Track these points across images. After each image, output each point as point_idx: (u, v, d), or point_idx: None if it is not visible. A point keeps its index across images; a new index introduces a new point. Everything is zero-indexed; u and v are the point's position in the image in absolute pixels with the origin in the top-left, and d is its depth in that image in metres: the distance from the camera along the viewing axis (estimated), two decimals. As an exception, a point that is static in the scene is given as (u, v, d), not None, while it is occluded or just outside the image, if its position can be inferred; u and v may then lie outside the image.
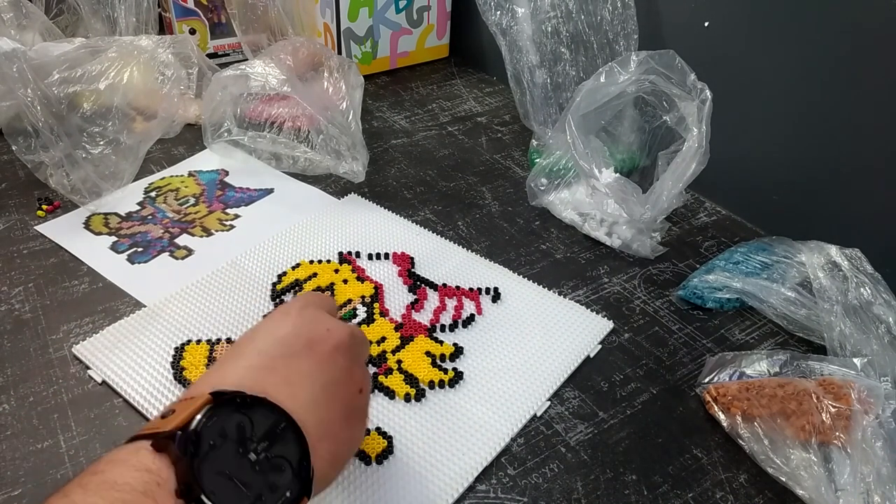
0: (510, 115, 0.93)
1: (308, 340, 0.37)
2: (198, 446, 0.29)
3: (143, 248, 0.66)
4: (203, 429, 0.30)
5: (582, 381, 0.54)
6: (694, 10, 0.72)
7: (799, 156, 0.67)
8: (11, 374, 0.53)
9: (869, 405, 0.47)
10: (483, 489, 0.46)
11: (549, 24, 0.77)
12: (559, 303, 0.61)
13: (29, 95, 0.66)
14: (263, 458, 0.31)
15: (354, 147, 0.74)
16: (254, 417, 0.31)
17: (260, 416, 0.32)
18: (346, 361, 0.38)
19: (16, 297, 0.60)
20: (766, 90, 0.68)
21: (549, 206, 0.73)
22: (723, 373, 0.53)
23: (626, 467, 0.48)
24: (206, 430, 0.30)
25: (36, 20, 0.85)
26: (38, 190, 0.73)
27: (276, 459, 0.31)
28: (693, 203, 0.76)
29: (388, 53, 1.02)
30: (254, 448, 0.31)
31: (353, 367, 0.38)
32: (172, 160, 0.80)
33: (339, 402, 0.36)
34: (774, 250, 0.62)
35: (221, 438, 0.30)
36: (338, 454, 0.36)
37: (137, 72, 0.74)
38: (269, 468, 0.31)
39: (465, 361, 0.55)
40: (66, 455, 0.47)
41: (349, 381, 0.38)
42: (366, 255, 0.66)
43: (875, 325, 0.54)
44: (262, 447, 0.31)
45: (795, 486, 0.46)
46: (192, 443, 0.29)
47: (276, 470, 0.31)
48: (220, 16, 1.01)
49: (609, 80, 0.64)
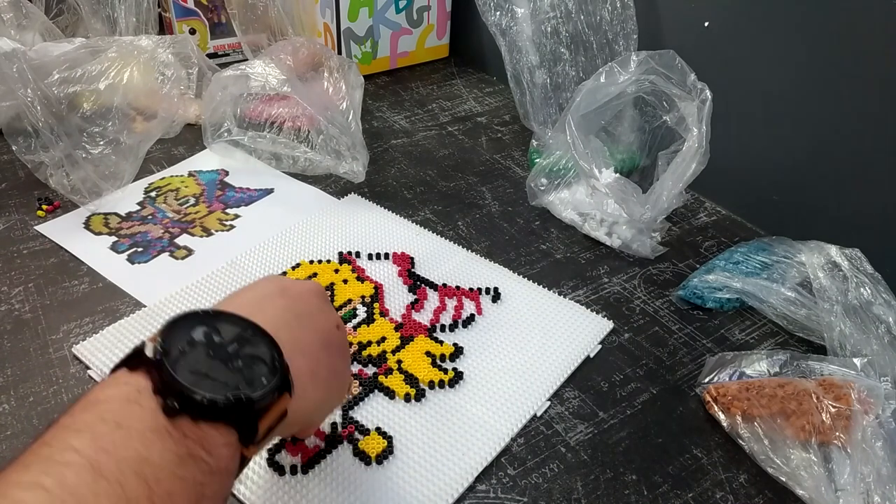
0: (510, 115, 0.93)
1: (281, 288, 0.39)
2: (168, 355, 0.30)
3: (143, 248, 0.66)
4: (168, 339, 0.31)
5: (582, 381, 0.54)
6: (694, 10, 0.72)
7: (799, 156, 0.67)
8: (11, 374, 0.53)
9: (869, 405, 0.47)
10: (483, 489, 0.46)
11: (549, 25, 0.77)
12: (559, 303, 0.61)
13: (29, 95, 0.66)
14: (235, 355, 0.31)
15: (354, 147, 0.74)
16: (221, 328, 0.32)
17: (225, 326, 0.33)
18: (320, 303, 0.40)
19: (16, 297, 0.60)
20: (767, 90, 0.68)
21: (549, 206, 0.73)
22: (723, 373, 0.53)
23: (626, 467, 0.48)
24: (172, 339, 0.31)
25: (36, 20, 0.85)
26: (38, 190, 0.73)
27: (249, 358, 0.32)
28: (693, 203, 0.76)
29: (388, 53, 1.02)
30: (224, 350, 0.31)
31: (326, 307, 0.41)
32: (172, 160, 0.80)
33: (315, 329, 0.38)
34: (774, 250, 0.62)
35: (190, 345, 0.31)
36: (317, 373, 0.37)
37: (137, 72, 0.74)
38: (242, 367, 0.31)
39: (465, 361, 0.55)
40: (66, 455, 0.47)
41: (323, 315, 0.40)
42: (366, 255, 0.66)
43: (875, 325, 0.54)
44: (233, 348, 0.32)
45: (795, 486, 0.46)
46: (161, 351, 0.30)
47: (250, 367, 0.32)
48: (220, 16, 1.01)
49: (609, 80, 0.64)
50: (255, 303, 0.37)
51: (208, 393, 0.29)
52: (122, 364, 0.31)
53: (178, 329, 0.31)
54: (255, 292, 0.39)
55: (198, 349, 0.31)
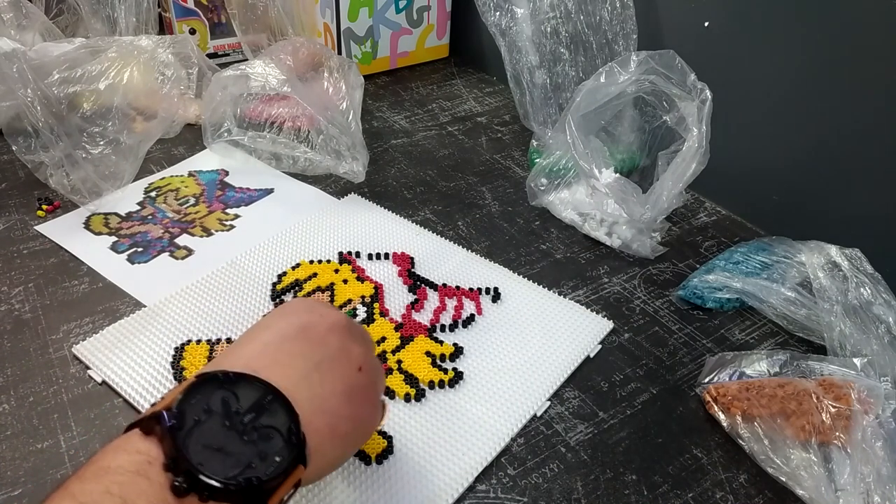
0: (510, 115, 0.93)
1: (301, 326, 0.37)
2: (182, 422, 0.29)
3: (143, 248, 0.66)
4: (185, 405, 0.30)
5: (582, 381, 0.54)
6: (694, 10, 0.72)
7: (799, 156, 0.67)
8: (11, 374, 0.53)
9: (869, 405, 0.47)
10: (483, 489, 0.46)
11: (549, 25, 0.77)
12: (559, 303, 0.61)
13: (29, 95, 0.66)
14: (251, 428, 0.31)
15: (354, 147, 0.74)
16: (238, 392, 0.32)
17: (245, 391, 0.32)
18: (342, 341, 0.38)
19: (16, 297, 0.60)
20: (767, 90, 0.68)
21: (549, 206, 0.73)
22: (723, 373, 0.53)
23: (626, 467, 0.48)
24: (188, 406, 0.30)
25: (36, 20, 0.85)
26: (38, 190, 0.73)
27: (265, 430, 0.31)
28: (693, 203, 0.76)
29: (388, 53, 1.02)
30: (240, 420, 0.31)
31: (351, 345, 0.38)
32: (172, 160, 0.80)
33: (336, 378, 0.36)
34: (774, 250, 0.62)
35: (206, 414, 0.30)
36: (337, 430, 0.35)
37: (137, 72, 0.74)
38: (257, 439, 0.31)
39: (465, 361, 0.55)
40: (66, 455, 0.47)
41: (345, 359, 0.37)
42: (366, 255, 0.66)
43: (875, 325, 0.54)
44: (249, 418, 0.31)
45: (795, 486, 0.46)
46: (175, 419, 0.29)
47: (265, 440, 0.31)
48: (220, 16, 1.01)
49: (609, 80, 0.64)
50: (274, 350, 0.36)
51: (219, 475, 0.29)
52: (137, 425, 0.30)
53: (197, 394, 0.31)
54: (274, 333, 0.37)
55: (213, 419, 0.30)
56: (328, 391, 0.35)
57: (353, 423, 0.37)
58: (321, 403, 0.35)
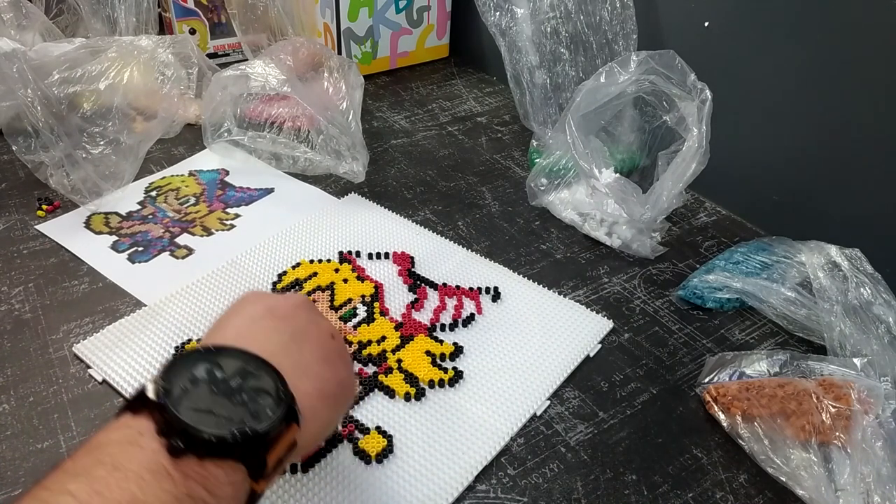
0: (510, 115, 0.93)
1: (268, 307, 0.39)
2: (169, 393, 0.30)
3: (143, 247, 0.66)
4: (170, 378, 0.30)
5: (582, 381, 0.54)
6: (694, 10, 0.72)
7: (799, 156, 0.67)
8: (11, 374, 0.53)
9: (869, 405, 0.47)
10: (483, 489, 0.46)
11: (549, 25, 0.77)
12: (559, 302, 0.61)
13: (29, 95, 0.66)
14: (239, 391, 0.31)
15: (354, 147, 0.74)
16: (221, 362, 0.32)
17: (227, 360, 0.32)
18: (308, 315, 0.40)
19: (16, 297, 0.60)
20: (767, 90, 0.68)
21: (549, 206, 0.73)
22: (723, 373, 0.53)
23: (626, 467, 0.48)
24: (174, 378, 0.30)
25: (36, 20, 0.85)
26: (38, 190, 0.73)
27: (253, 392, 0.31)
28: (693, 203, 0.76)
29: (388, 53, 1.02)
30: (227, 385, 0.31)
31: (317, 317, 0.40)
32: (172, 160, 0.80)
33: (312, 345, 0.38)
34: (774, 250, 0.62)
35: (192, 383, 0.30)
36: (325, 390, 0.37)
37: (137, 72, 0.74)
38: (247, 400, 0.31)
39: (464, 361, 0.55)
40: (66, 455, 0.47)
41: (315, 329, 0.39)
42: (366, 254, 0.66)
43: (875, 325, 0.54)
44: (236, 383, 0.31)
45: (795, 486, 0.46)
46: (163, 391, 0.30)
47: (255, 401, 0.31)
48: (220, 16, 1.01)
49: (609, 80, 0.64)
50: (247, 330, 0.37)
51: (213, 429, 0.29)
52: (126, 408, 0.30)
53: (179, 368, 0.31)
54: (242, 317, 0.39)
55: (200, 386, 0.30)
56: (308, 358, 0.37)
57: (337, 384, 0.38)
58: (304, 369, 0.36)
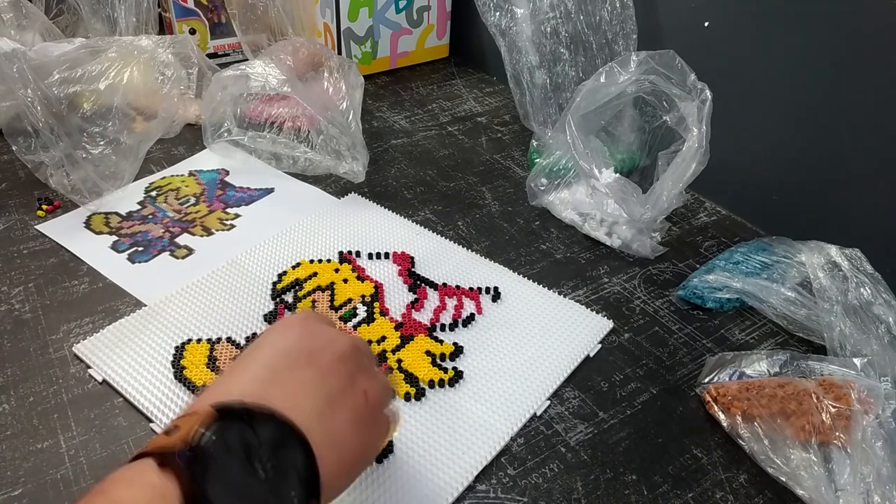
0: (510, 115, 0.93)
1: (310, 352, 0.37)
2: (202, 461, 0.29)
3: (143, 247, 0.66)
4: (207, 443, 0.30)
5: (582, 381, 0.54)
6: (694, 10, 0.72)
7: (799, 156, 0.67)
8: (11, 374, 0.53)
9: (869, 405, 0.47)
10: (483, 489, 0.46)
11: (549, 25, 0.77)
12: (559, 302, 0.61)
13: (29, 95, 0.66)
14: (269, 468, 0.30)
15: (354, 147, 0.74)
16: (258, 429, 0.31)
17: (264, 428, 0.31)
18: (349, 370, 0.38)
19: (16, 297, 0.60)
20: (767, 90, 0.68)
21: (549, 206, 0.73)
22: (723, 373, 0.53)
23: (626, 467, 0.48)
24: (210, 444, 0.30)
25: (36, 20, 0.85)
26: (38, 190, 0.73)
27: (282, 468, 0.31)
28: (693, 203, 0.76)
29: (388, 53, 1.02)
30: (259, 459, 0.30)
31: (357, 374, 0.38)
32: (172, 160, 0.80)
33: (345, 410, 0.36)
34: (774, 250, 0.62)
35: (226, 452, 0.30)
36: (346, 461, 0.36)
37: (137, 72, 0.74)
38: (274, 477, 0.30)
39: (464, 361, 0.55)
40: (66, 455, 0.47)
41: (353, 389, 0.38)
42: (366, 254, 0.66)
43: (875, 325, 0.54)
44: (267, 458, 0.31)
45: (795, 486, 0.46)
46: (196, 458, 0.29)
47: (282, 478, 0.31)
48: (220, 16, 1.01)
49: (609, 80, 0.64)
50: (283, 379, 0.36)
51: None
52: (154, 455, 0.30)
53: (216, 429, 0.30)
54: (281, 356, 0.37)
55: (233, 458, 0.30)
56: (338, 424, 0.36)
57: (360, 452, 0.38)
58: (332, 437, 0.35)
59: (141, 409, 0.50)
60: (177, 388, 0.51)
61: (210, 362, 0.54)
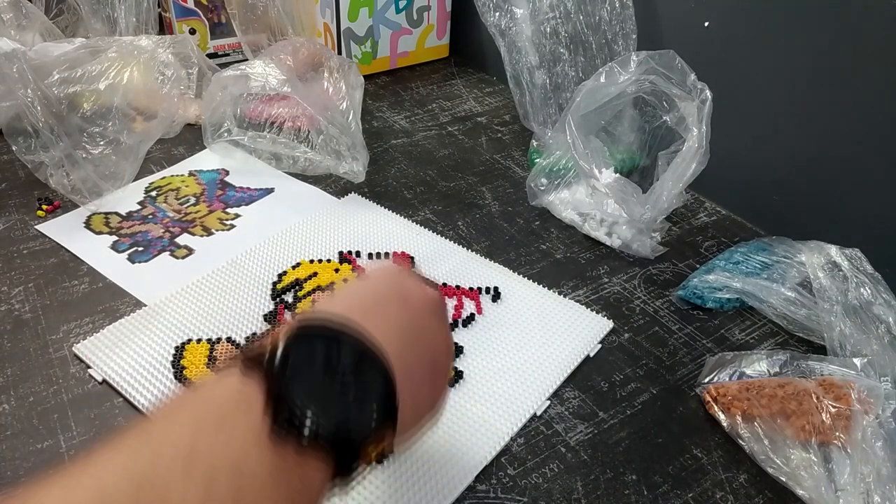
0: (510, 115, 0.93)
1: (403, 296, 0.38)
2: (285, 367, 0.29)
3: (143, 247, 0.66)
4: (290, 351, 0.30)
5: (582, 381, 0.54)
6: (694, 10, 0.72)
7: (799, 156, 0.67)
8: (11, 374, 0.53)
9: (869, 405, 0.47)
10: (483, 489, 0.46)
11: (548, 25, 0.77)
12: (559, 302, 0.61)
13: (29, 95, 0.66)
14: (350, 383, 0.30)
15: (354, 147, 0.74)
16: (341, 347, 0.31)
17: (347, 347, 0.31)
18: (437, 322, 0.39)
19: (16, 297, 0.60)
20: (767, 90, 0.68)
21: (549, 206, 0.73)
22: (723, 373, 0.53)
23: (626, 467, 0.48)
24: (293, 352, 0.30)
25: (36, 20, 0.85)
26: (38, 190, 0.73)
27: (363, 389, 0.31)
28: (693, 203, 0.76)
29: (388, 53, 1.02)
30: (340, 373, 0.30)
31: (443, 327, 0.39)
32: (172, 160, 0.80)
33: (426, 356, 0.37)
34: (774, 250, 0.62)
35: (308, 363, 0.30)
36: (419, 406, 0.36)
37: (137, 72, 0.74)
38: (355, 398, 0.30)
39: (464, 361, 0.55)
40: (66, 455, 0.47)
41: (437, 339, 0.38)
42: (366, 254, 0.66)
43: (875, 325, 0.54)
44: (350, 372, 0.31)
45: (795, 486, 0.46)
46: (280, 363, 0.29)
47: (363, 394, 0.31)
48: (220, 16, 1.01)
49: (609, 81, 0.64)
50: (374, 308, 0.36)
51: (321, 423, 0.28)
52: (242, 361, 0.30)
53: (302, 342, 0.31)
54: (376, 292, 0.37)
55: (315, 370, 0.30)
56: (418, 369, 0.36)
57: (429, 404, 0.38)
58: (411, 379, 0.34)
59: (141, 410, 0.50)
60: (177, 389, 0.51)
61: (210, 362, 0.54)
